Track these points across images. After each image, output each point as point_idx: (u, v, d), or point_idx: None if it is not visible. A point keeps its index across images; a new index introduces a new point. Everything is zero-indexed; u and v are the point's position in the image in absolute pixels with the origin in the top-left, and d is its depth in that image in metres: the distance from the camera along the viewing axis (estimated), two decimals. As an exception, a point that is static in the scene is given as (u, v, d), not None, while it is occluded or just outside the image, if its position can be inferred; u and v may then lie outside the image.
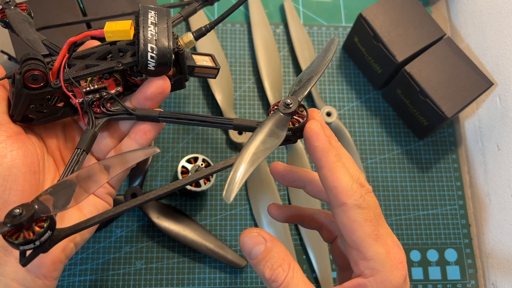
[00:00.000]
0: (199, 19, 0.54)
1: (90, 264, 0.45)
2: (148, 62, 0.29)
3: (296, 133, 0.29)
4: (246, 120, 0.31)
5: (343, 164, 0.27)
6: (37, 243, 0.24)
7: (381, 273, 0.26)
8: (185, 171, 0.45)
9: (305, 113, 0.29)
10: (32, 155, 0.30)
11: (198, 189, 0.44)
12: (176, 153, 0.50)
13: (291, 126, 0.28)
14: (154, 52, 0.29)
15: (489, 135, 0.51)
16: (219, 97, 0.51)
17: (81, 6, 0.45)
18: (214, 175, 0.45)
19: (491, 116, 0.51)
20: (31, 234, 0.24)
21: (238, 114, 0.53)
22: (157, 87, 0.31)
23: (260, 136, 0.26)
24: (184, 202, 0.49)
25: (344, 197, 0.26)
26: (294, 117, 0.29)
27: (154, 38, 0.29)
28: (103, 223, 0.46)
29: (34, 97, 0.29)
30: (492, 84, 0.49)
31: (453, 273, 0.49)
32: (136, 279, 0.45)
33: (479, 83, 0.49)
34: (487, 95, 0.52)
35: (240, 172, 0.24)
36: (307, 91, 0.30)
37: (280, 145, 0.27)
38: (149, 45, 0.29)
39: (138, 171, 0.47)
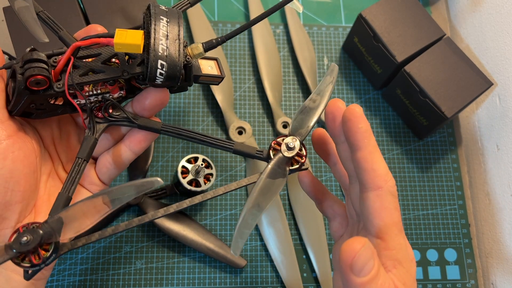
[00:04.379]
0: (199, 18, 0.54)
1: (91, 263, 0.45)
2: (157, 77, 0.29)
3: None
4: (247, 146, 0.33)
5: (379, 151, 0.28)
6: (43, 265, 0.25)
7: (403, 264, 0.26)
8: (185, 171, 0.45)
9: (304, 152, 0.31)
10: (31, 154, 0.30)
11: (198, 189, 0.44)
12: (176, 153, 0.50)
13: (290, 167, 0.31)
14: (164, 69, 0.28)
15: (489, 135, 0.51)
16: (219, 97, 0.51)
17: (81, 6, 0.45)
18: (214, 175, 0.45)
19: (491, 116, 0.51)
20: (37, 258, 0.25)
21: (238, 114, 0.53)
22: (155, 99, 0.31)
23: (262, 184, 0.29)
24: (184, 202, 0.49)
25: (381, 181, 0.26)
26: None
27: (165, 53, 0.28)
28: (104, 223, 0.46)
29: (35, 98, 0.29)
30: (492, 84, 0.49)
31: (453, 273, 0.49)
32: (136, 278, 0.45)
33: (479, 83, 0.49)
34: (486, 95, 0.52)
35: (246, 227, 0.27)
36: (310, 130, 0.31)
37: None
38: (159, 61, 0.28)
39: (138, 171, 0.47)
